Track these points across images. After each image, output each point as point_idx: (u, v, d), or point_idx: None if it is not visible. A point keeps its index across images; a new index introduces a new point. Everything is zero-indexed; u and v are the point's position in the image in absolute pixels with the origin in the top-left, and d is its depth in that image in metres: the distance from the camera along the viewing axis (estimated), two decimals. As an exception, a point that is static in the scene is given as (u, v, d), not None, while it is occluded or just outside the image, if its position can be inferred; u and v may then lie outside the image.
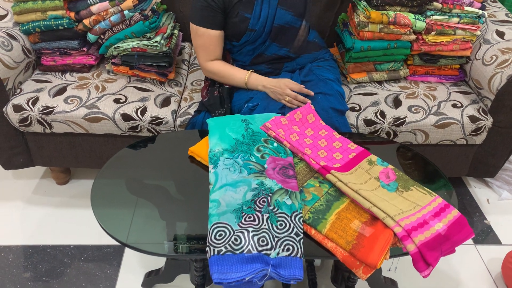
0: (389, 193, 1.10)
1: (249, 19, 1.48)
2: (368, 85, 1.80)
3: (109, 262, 1.62)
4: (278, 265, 0.93)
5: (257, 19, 1.49)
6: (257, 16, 1.49)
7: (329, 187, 1.12)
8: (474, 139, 1.69)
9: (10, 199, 1.88)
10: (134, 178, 1.21)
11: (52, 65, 1.76)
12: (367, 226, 1.00)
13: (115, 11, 1.64)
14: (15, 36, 1.68)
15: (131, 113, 1.59)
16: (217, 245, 0.95)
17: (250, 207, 1.03)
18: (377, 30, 1.68)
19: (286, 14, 1.51)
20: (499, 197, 1.97)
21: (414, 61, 1.80)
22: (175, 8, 1.98)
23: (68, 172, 1.96)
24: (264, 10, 1.48)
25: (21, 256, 1.64)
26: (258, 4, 1.48)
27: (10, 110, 1.59)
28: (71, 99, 1.62)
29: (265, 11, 1.48)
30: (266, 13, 1.49)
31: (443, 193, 1.17)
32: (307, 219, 1.02)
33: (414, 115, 1.63)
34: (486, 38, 1.75)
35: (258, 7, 1.48)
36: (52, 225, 1.76)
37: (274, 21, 1.50)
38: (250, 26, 1.49)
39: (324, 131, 1.30)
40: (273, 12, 1.49)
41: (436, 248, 0.98)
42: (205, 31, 1.49)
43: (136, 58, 1.68)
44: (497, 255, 1.70)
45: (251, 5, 1.48)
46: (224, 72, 1.56)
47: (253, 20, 1.49)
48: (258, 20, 1.49)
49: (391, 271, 1.56)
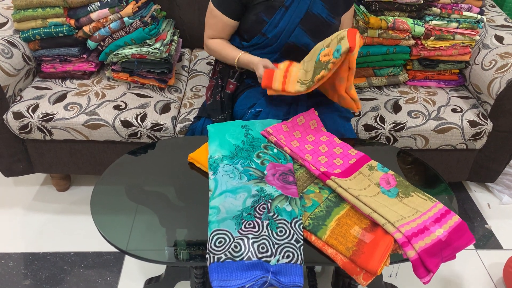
0: (389, 199, 1.10)
1: (266, 23, 1.44)
2: (368, 90, 1.80)
3: (109, 269, 1.62)
4: (278, 272, 0.92)
5: (274, 27, 1.44)
6: (275, 24, 1.44)
7: (329, 193, 1.12)
8: (474, 143, 1.69)
9: (10, 206, 1.88)
10: (134, 184, 1.21)
11: (52, 72, 1.76)
12: (367, 232, 1.00)
13: (114, 18, 1.65)
14: (15, 44, 1.69)
15: (131, 119, 1.59)
16: (216, 252, 0.95)
17: (250, 213, 1.03)
18: (376, 35, 1.68)
19: (304, 36, 1.46)
20: (500, 201, 1.97)
21: (413, 66, 1.80)
22: (175, 14, 1.98)
23: (69, 179, 1.96)
24: (284, 22, 1.43)
25: (21, 263, 1.63)
26: (280, 14, 1.43)
27: (10, 117, 1.60)
28: (71, 106, 1.62)
29: (284, 23, 1.43)
30: (284, 25, 1.43)
31: (443, 198, 1.17)
32: (307, 226, 1.02)
33: (414, 120, 1.63)
34: (485, 43, 1.76)
35: (279, 16, 1.43)
36: (52, 232, 1.76)
37: (290, 37, 1.45)
38: (264, 31, 1.45)
39: (325, 137, 1.30)
40: (291, 28, 1.44)
41: (436, 254, 0.98)
42: (220, 15, 1.47)
43: (136, 65, 1.68)
44: (498, 260, 1.69)
45: (272, 11, 1.43)
46: (220, 50, 1.53)
47: (269, 26, 1.44)
48: (274, 28, 1.44)
49: (392, 277, 1.56)
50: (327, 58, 1.24)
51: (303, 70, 1.35)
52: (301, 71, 1.35)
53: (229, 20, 1.47)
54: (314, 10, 1.44)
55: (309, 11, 1.43)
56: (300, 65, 1.38)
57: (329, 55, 1.24)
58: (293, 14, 1.43)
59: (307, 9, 1.43)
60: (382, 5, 1.66)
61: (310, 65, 1.32)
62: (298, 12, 1.43)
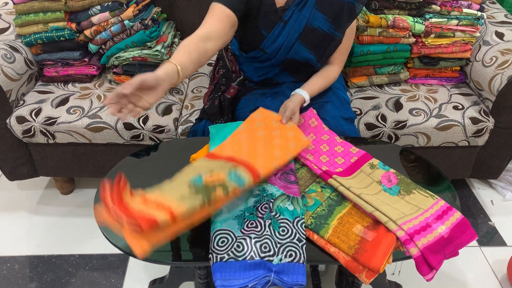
0: (391, 197, 1.10)
1: (265, 37, 1.38)
2: (369, 89, 1.80)
3: (114, 270, 1.63)
4: (281, 271, 0.93)
5: (272, 42, 1.39)
6: (273, 39, 1.39)
7: (331, 192, 1.12)
8: (476, 140, 1.68)
9: (15, 210, 1.89)
10: (137, 186, 1.21)
11: (54, 76, 1.77)
12: (369, 231, 1.00)
13: (115, 21, 1.66)
14: (17, 48, 1.70)
15: (133, 122, 1.60)
16: (219, 252, 0.95)
17: (252, 213, 1.04)
18: (376, 34, 1.68)
19: (304, 50, 1.40)
20: (503, 198, 1.96)
21: (414, 64, 1.80)
22: (176, 17, 1.99)
23: (72, 181, 1.98)
24: (282, 37, 1.38)
25: (27, 266, 1.64)
26: (278, 29, 1.37)
27: (13, 122, 1.61)
28: (74, 109, 1.63)
29: (283, 39, 1.38)
30: (283, 41, 1.38)
31: (446, 195, 1.16)
32: (309, 225, 1.03)
33: (415, 118, 1.63)
34: (486, 39, 1.76)
35: (278, 30, 1.37)
36: (57, 235, 1.77)
37: (289, 53, 1.40)
38: (262, 46, 1.40)
39: (326, 135, 1.30)
40: (290, 44, 1.39)
41: (439, 251, 0.98)
42: (218, 6, 1.26)
43: (137, 67, 1.69)
44: (502, 256, 1.69)
45: (271, 24, 1.37)
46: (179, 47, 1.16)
47: (268, 41, 1.39)
48: (272, 43, 1.39)
49: (395, 275, 1.56)
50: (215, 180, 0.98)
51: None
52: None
53: (228, 10, 1.26)
54: (314, 24, 1.37)
55: (308, 26, 1.37)
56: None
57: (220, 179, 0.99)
58: (292, 29, 1.37)
59: (306, 23, 1.37)
60: (382, 4, 1.66)
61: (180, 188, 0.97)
62: (297, 26, 1.37)
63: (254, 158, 1.11)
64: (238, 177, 1.00)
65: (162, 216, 0.83)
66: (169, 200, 0.89)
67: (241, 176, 1.00)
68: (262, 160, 1.11)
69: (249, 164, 1.07)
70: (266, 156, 1.13)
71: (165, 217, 0.84)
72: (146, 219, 0.82)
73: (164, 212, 0.84)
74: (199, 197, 0.92)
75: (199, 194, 0.92)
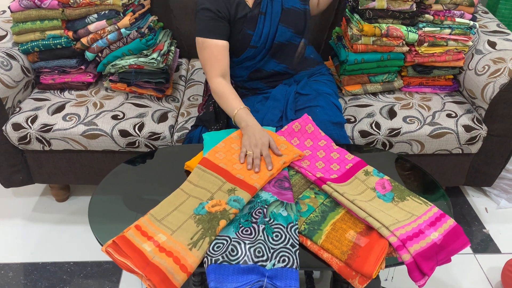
0: (385, 204, 1.11)
1: (252, 35, 1.49)
2: (363, 97, 1.82)
3: (108, 278, 1.62)
4: (274, 276, 0.93)
5: (259, 36, 1.49)
6: (260, 33, 1.49)
7: (325, 198, 1.13)
8: (470, 148, 1.70)
9: (10, 217, 1.89)
10: (132, 193, 1.22)
11: (51, 84, 1.78)
12: (362, 236, 1.01)
13: (112, 30, 1.67)
14: (14, 56, 1.71)
15: (128, 129, 1.61)
16: (214, 255, 0.96)
17: (247, 220, 1.05)
18: (370, 42, 1.70)
19: (287, 31, 1.52)
20: (497, 205, 1.97)
21: (408, 72, 1.82)
22: (172, 25, 2.01)
23: (68, 189, 1.97)
24: (266, 27, 1.49)
25: (21, 273, 1.64)
26: (261, 22, 1.48)
27: (9, 129, 1.61)
28: (70, 117, 1.64)
29: (267, 28, 1.49)
30: (267, 30, 1.49)
31: (440, 203, 1.17)
32: (302, 230, 1.03)
33: (409, 126, 1.65)
34: (478, 48, 1.78)
35: (261, 24, 1.49)
36: (51, 242, 1.76)
37: (275, 38, 1.51)
38: (252, 43, 1.50)
39: (323, 141, 1.31)
40: (274, 29, 1.50)
41: (431, 257, 0.98)
42: (211, 41, 1.42)
43: (133, 75, 1.70)
44: (496, 264, 1.69)
45: (254, 22, 1.48)
46: (223, 95, 1.41)
47: (256, 37, 1.49)
48: (260, 37, 1.50)
49: (387, 281, 1.56)
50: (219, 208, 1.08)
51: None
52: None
53: (222, 42, 1.43)
54: (287, 5, 1.51)
55: (284, 8, 1.50)
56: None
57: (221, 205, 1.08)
58: (271, 16, 1.49)
59: (281, 6, 1.50)
60: (375, 13, 1.68)
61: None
62: (275, 12, 1.50)
63: (248, 171, 1.18)
64: (237, 201, 1.08)
65: (180, 278, 0.93)
66: (183, 249, 0.98)
67: (239, 199, 1.08)
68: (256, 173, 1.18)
69: (244, 182, 1.13)
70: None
71: (183, 277, 0.93)
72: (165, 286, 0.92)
73: (181, 274, 0.94)
74: (206, 228, 1.02)
75: (205, 224, 1.03)
